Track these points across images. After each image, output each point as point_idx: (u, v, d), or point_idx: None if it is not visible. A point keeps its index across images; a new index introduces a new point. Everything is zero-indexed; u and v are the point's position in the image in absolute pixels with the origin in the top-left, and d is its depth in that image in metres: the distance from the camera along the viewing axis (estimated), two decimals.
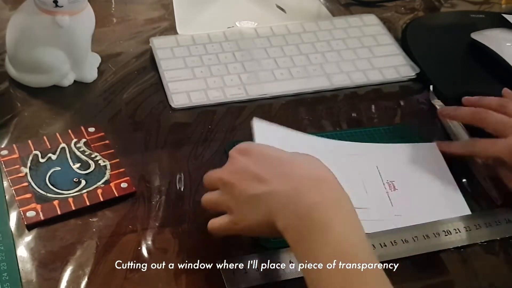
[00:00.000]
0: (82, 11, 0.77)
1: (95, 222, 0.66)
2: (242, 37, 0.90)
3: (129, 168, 0.71)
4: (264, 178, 0.57)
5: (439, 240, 0.66)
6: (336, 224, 0.53)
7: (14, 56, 0.79)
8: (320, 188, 0.56)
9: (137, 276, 0.62)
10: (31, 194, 0.68)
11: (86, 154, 0.72)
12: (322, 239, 0.53)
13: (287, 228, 0.55)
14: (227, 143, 0.75)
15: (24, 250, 0.63)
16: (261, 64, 0.86)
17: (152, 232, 0.66)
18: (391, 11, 0.99)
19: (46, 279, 0.61)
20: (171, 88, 0.82)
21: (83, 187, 0.69)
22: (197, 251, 0.64)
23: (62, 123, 0.77)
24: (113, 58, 0.86)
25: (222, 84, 0.83)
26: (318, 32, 0.92)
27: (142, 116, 0.79)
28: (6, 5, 0.93)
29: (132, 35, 0.90)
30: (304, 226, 0.54)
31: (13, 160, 0.71)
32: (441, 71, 0.87)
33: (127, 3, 0.96)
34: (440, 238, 0.67)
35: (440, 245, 0.66)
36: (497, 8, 1.02)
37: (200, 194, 0.69)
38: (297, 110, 0.81)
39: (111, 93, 0.81)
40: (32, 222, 0.65)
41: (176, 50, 0.87)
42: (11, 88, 0.81)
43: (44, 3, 0.74)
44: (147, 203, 0.69)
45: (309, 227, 0.53)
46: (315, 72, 0.86)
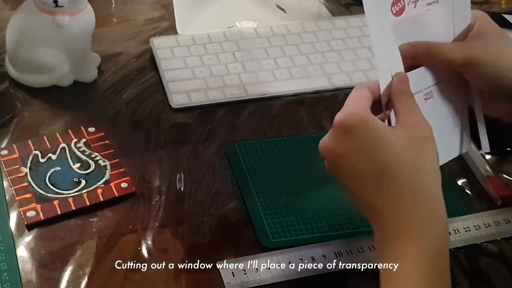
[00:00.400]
0: (82, 11, 0.77)
1: (95, 222, 0.66)
2: (242, 37, 0.90)
3: (129, 168, 0.71)
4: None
5: None
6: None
7: (14, 56, 0.80)
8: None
9: (137, 276, 0.62)
10: (31, 194, 0.68)
11: (86, 154, 0.72)
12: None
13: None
14: (227, 143, 0.75)
15: (24, 250, 0.63)
16: (261, 64, 0.86)
17: (152, 232, 0.66)
18: None
19: (46, 279, 0.61)
20: (171, 88, 0.82)
21: (83, 187, 0.69)
22: (197, 251, 0.64)
23: (62, 123, 0.77)
24: (113, 58, 0.86)
25: (222, 84, 0.83)
26: (318, 32, 0.92)
27: (142, 116, 0.79)
28: (6, 5, 0.93)
29: (132, 35, 0.91)
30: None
31: (13, 160, 0.71)
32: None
33: (127, 3, 0.96)
34: None
35: None
36: (497, 8, 1.02)
37: (200, 194, 0.70)
38: (297, 110, 0.81)
39: (111, 93, 0.81)
40: (32, 222, 0.65)
41: (176, 50, 0.87)
42: (11, 88, 0.81)
43: (44, 3, 0.75)
44: (147, 203, 0.69)
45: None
46: (315, 72, 0.86)
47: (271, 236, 0.66)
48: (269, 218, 0.67)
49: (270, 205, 0.68)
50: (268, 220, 0.67)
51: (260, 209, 0.68)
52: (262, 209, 0.68)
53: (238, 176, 0.72)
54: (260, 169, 0.72)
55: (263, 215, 0.67)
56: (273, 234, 0.66)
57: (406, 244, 0.53)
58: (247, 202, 0.69)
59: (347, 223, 0.67)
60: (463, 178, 0.74)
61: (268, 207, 0.68)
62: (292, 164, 0.73)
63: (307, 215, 0.68)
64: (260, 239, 0.65)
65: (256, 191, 0.70)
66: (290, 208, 0.68)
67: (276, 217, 0.67)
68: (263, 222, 0.67)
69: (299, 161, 0.73)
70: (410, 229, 0.53)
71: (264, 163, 0.73)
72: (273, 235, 0.66)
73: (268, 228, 0.66)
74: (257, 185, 0.70)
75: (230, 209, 0.69)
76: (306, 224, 0.67)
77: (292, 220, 0.67)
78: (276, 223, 0.67)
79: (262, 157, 0.74)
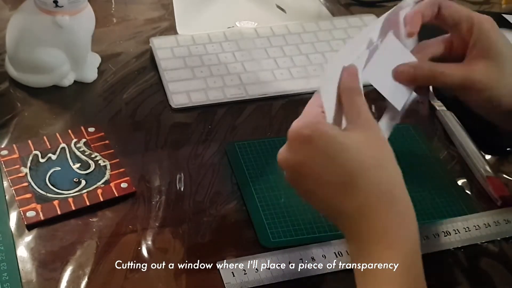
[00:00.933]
0: (82, 11, 0.77)
1: (95, 222, 0.66)
2: (242, 37, 0.90)
3: (129, 168, 0.71)
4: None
5: (439, 241, 0.67)
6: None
7: (14, 56, 0.80)
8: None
9: (137, 276, 0.62)
10: (31, 194, 0.68)
11: (86, 154, 0.72)
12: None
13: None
14: (227, 143, 0.75)
15: (24, 250, 0.63)
16: (261, 64, 0.86)
17: (152, 232, 0.66)
18: None
19: (46, 279, 0.61)
20: (171, 88, 0.82)
21: (83, 187, 0.69)
22: (197, 251, 0.64)
23: (62, 123, 0.77)
24: (113, 58, 0.86)
25: (222, 84, 0.83)
26: (318, 32, 0.92)
27: (142, 116, 0.79)
28: (6, 5, 0.93)
29: (132, 35, 0.91)
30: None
31: (13, 160, 0.71)
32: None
33: (127, 3, 0.96)
34: (440, 239, 0.67)
35: (439, 246, 0.66)
36: (497, 8, 1.02)
37: (200, 194, 0.70)
38: (297, 110, 0.80)
39: (111, 93, 0.81)
40: (32, 222, 0.65)
41: (176, 50, 0.87)
42: (11, 88, 0.81)
43: (44, 3, 0.75)
44: (147, 203, 0.69)
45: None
46: (315, 72, 0.86)
47: (271, 236, 0.66)
48: (269, 218, 0.67)
49: (270, 205, 0.68)
50: (268, 220, 0.67)
51: (260, 209, 0.68)
52: (262, 209, 0.68)
53: (238, 176, 0.72)
54: (260, 169, 0.72)
55: (263, 215, 0.67)
56: (273, 234, 0.66)
57: (380, 247, 0.52)
58: (247, 202, 0.69)
59: None
60: (463, 178, 0.74)
61: (268, 207, 0.68)
62: None
63: (307, 215, 0.68)
64: (260, 239, 0.65)
65: (256, 191, 0.70)
66: (290, 208, 0.68)
67: (276, 217, 0.67)
68: (263, 222, 0.67)
69: None
70: (383, 231, 0.52)
71: (264, 163, 0.73)
72: (273, 235, 0.66)
73: (268, 228, 0.66)
74: (257, 185, 0.70)
75: (230, 209, 0.69)
76: (306, 224, 0.67)
77: (292, 220, 0.67)
78: (276, 223, 0.67)
79: (262, 157, 0.74)
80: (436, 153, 0.77)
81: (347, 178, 0.53)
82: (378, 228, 0.52)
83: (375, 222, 0.53)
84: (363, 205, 0.53)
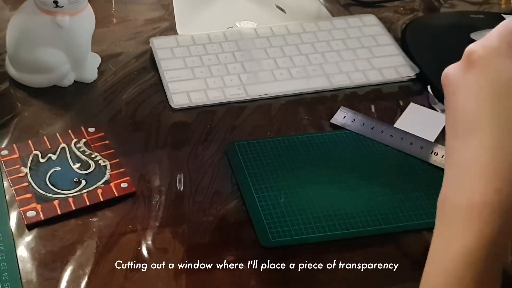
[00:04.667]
0: (82, 11, 0.77)
1: (95, 222, 0.66)
2: (242, 37, 0.90)
3: (129, 168, 0.71)
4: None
5: None
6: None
7: (14, 56, 0.80)
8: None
9: (137, 276, 0.62)
10: (31, 194, 0.68)
11: (86, 154, 0.72)
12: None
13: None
14: (227, 143, 0.76)
15: (24, 250, 0.63)
16: (261, 64, 0.86)
17: (152, 232, 0.66)
18: (391, 11, 0.99)
19: (46, 279, 0.61)
20: (171, 88, 0.82)
21: (83, 187, 0.69)
22: (197, 251, 0.64)
23: (62, 123, 0.77)
24: (113, 58, 0.86)
25: (222, 84, 0.83)
26: (318, 32, 0.92)
27: (142, 116, 0.79)
28: (6, 5, 0.93)
29: (132, 35, 0.91)
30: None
31: (13, 160, 0.71)
32: (441, 71, 0.86)
33: (127, 3, 0.96)
34: None
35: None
36: (496, 8, 1.02)
37: (200, 194, 0.70)
38: (297, 110, 0.81)
39: (111, 93, 0.82)
40: (32, 222, 0.65)
41: (176, 50, 0.87)
42: (11, 88, 0.81)
43: (44, 3, 0.75)
44: (147, 203, 0.69)
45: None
46: (315, 72, 0.86)
47: (271, 236, 0.66)
48: (269, 218, 0.67)
49: (270, 205, 0.69)
50: (268, 220, 0.67)
51: (260, 209, 0.68)
52: (262, 209, 0.68)
53: (238, 176, 0.72)
54: (260, 169, 0.72)
55: (263, 215, 0.67)
56: (273, 234, 0.66)
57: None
58: (247, 202, 0.69)
59: (347, 223, 0.67)
60: None
61: (268, 207, 0.68)
62: (292, 164, 0.73)
63: (307, 215, 0.68)
64: (260, 239, 0.65)
65: (256, 191, 0.70)
66: (290, 208, 0.68)
67: (276, 217, 0.67)
68: (263, 222, 0.67)
69: (299, 161, 0.74)
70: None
71: (264, 163, 0.73)
72: (273, 235, 0.66)
73: (268, 228, 0.66)
74: (257, 185, 0.70)
75: (230, 209, 0.69)
76: (306, 224, 0.67)
77: (292, 220, 0.67)
78: (276, 223, 0.67)
79: (262, 157, 0.74)
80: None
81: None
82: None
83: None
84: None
